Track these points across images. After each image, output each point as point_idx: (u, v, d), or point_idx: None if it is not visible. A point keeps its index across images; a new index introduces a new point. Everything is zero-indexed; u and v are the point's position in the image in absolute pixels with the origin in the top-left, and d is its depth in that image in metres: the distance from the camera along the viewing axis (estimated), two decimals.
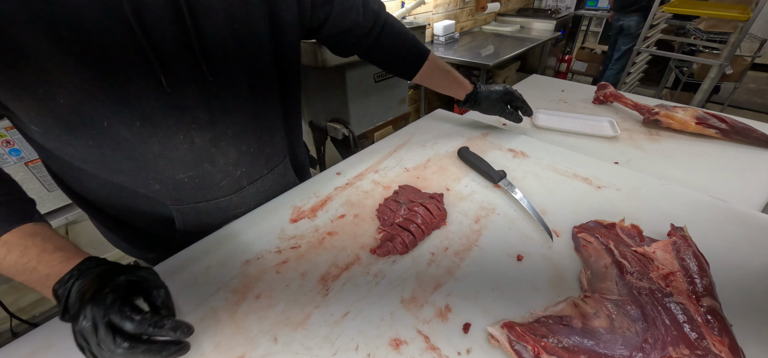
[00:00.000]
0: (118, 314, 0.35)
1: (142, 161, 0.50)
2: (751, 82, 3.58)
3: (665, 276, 0.45)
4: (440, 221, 0.60)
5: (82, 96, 0.40)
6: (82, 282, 0.38)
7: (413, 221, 0.57)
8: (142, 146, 0.48)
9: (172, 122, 0.48)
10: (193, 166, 0.54)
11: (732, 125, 0.81)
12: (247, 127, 0.57)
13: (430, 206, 0.60)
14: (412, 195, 0.65)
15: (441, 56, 2.34)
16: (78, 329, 0.35)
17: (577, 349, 0.39)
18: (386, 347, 0.42)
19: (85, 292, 0.36)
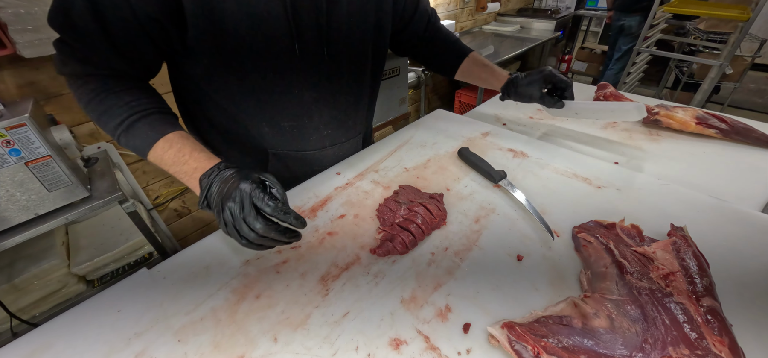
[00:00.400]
0: (260, 198, 0.44)
1: (263, 104, 0.64)
2: (751, 82, 3.57)
3: (665, 276, 0.45)
4: (440, 221, 0.60)
5: (243, 46, 0.54)
6: (223, 175, 0.48)
7: (413, 221, 0.57)
8: (266, 93, 0.62)
9: (293, 78, 0.62)
10: (296, 118, 0.68)
11: (732, 125, 0.81)
12: (340, 96, 0.70)
13: (430, 206, 0.60)
14: (412, 195, 0.65)
15: None
16: (227, 206, 0.44)
17: (577, 349, 0.39)
18: (386, 347, 0.42)
19: (229, 181, 0.46)
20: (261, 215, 0.44)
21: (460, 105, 2.83)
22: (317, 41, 0.60)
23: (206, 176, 0.49)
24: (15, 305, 1.08)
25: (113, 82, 0.52)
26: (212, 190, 0.47)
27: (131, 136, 0.52)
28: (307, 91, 0.65)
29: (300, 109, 0.67)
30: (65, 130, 1.06)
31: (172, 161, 0.52)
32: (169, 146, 0.52)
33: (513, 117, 1.02)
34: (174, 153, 0.52)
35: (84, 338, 0.45)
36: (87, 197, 1.04)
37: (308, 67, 0.62)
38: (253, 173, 0.47)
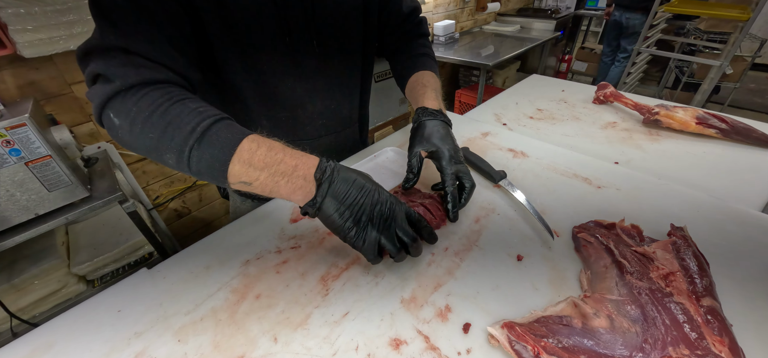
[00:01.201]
0: (425, 229, 0.51)
1: (260, 98, 0.65)
2: (751, 82, 3.57)
3: (665, 276, 0.45)
4: (440, 222, 0.60)
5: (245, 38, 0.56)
6: (355, 177, 0.47)
7: None
8: (263, 86, 0.64)
9: (287, 68, 0.64)
10: (291, 109, 0.70)
11: (732, 125, 0.81)
12: (333, 87, 0.72)
13: (430, 206, 0.59)
14: (412, 195, 0.65)
15: (441, 56, 2.36)
16: (390, 233, 0.47)
17: (577, 349, 0.39)
18: (386, 347, 0.42)
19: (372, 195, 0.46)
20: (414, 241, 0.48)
21: (460, 105, 2.83)
22: (307, 34, 0.62)
23: (321, 171, 0.45)
24: (15, 305, 1.08)
25: (172, 90, 0.45)
26: (343, 197, 0.45)
27: (206, 145, 0.42)
28: (299, 83, 0.67)
29: (294, 100, 0.69)
30: (65, 130, 1.06)
31: (264, 163, 0.43)
32: (256, 146, 0.44)
33: (513, 117, 1.02)
34: (264, 153, 0.44)
35: (84, 338, 0.45)
36: (87, 197, 1.04)
37: (300, 59, 0.64)
38: (388, 194, 0.48)
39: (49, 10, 1.07)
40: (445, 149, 0.59)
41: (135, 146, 0.44)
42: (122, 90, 0.42)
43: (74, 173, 0.99)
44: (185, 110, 0.43)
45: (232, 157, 0.42)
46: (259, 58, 0.60)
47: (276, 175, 0.44)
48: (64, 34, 1.12)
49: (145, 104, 0.42)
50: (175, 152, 0.42)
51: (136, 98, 0.42)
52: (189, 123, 0.42)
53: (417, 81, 0.73)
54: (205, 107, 0.45)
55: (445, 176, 0.57)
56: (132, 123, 0.42)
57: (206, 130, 0.42)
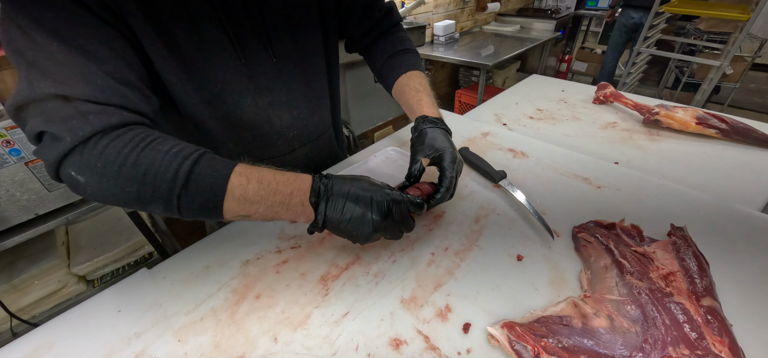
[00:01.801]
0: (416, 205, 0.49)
1: (220, 121, 0.61)
2: (751, 82, 3.57)
3: (665, 276, 0.45)
4: None
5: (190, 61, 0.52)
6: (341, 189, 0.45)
7: None
8: (221, 106, 0.59)
9: (243, 84, 0.59)
10: (256, 126, 0.65)
11: (732, 125, 0.81)
12: (298, 95, 0.67)
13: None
14: None
15: (441, 56, 2.36)
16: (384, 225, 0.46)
17: (577, 349, 0.39)
18: (386, 347, 0.42)
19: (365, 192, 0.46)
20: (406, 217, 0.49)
21: (460, 105, 2.83)
22: (259, 42, 0.58)
23: (315, 194, 0.44)
24: (15, 305, 1.08)
25: (135, 134, 0.40)
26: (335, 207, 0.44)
27: (194, 190, 0.40)
28: (260, 97, 0.62)
29: (257, 116, 0.63)
30: None
31: (258, 197, 0.42)
32: (247, 180, 0.42)
33: (513, 117, 1.02)
34: (256, 185, 0.42)
35: (84, 338, 0.45)
36: None
37: (256, 71, 0.59)
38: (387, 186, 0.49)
39: None
40: (447, 153, 0.57)
41: (110, 201, 0.40)
42: (76, 145, 0.37)
43: None
44: (158, 155, 0.39)
45: (224, 197, 0.41)
46: (212, 77, 0.55)
47: (274, 206, 0.44)
48: None
49: (111, 157, 0.37)
50: (161, 202, 0.40)
51: (98, 152, 0.37)
52: (168, 170, 0.39)
53: (407, 85, 0.70)
54: (178, 146, 0.41)
55: (444, 178, 0.55)
56: (101, 179, 0.38)
57: (189, 174, 0.39)
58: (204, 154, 0.42)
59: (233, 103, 0.60)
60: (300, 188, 0.45)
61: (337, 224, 0.45)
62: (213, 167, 0.41)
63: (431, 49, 2.53)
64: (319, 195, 0.45)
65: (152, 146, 0.39)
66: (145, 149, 0.39)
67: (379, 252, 0.56)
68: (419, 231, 0.60)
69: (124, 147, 0.38)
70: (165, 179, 0.39)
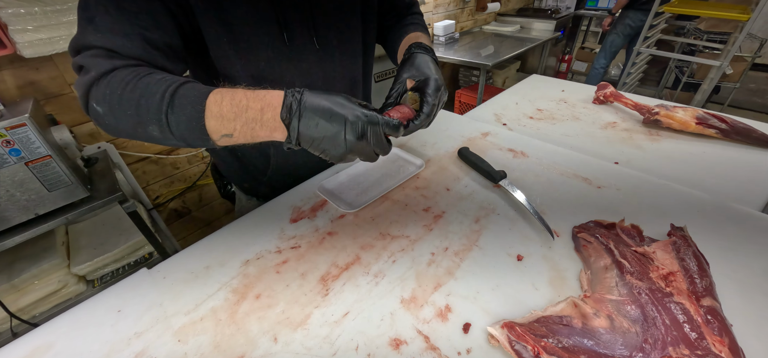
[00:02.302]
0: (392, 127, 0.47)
1: None
2: (751, 82, 3.57)
3: (665, 276, 0.45)
4: None
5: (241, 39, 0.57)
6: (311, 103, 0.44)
7: None
8: (260, 82, 0.62)
9: (285, 68, 0.63)
10: None
11: (732, 125, 0.81)
12: (334, 84, 0.71)
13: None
14: None
15: (440, 56, 2.36)
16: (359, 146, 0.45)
17: (577, 349, 0.39)
18: (386, 347, 0.42)
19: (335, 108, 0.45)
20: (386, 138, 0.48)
21: (460, 105, 2.83)
22: (305, 30, 0.62)
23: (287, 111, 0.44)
24: (15, 305, 1.08)
25: (140, 68, 0.46)
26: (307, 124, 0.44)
27: (178, 108, 0.44)
28: (299, 79, 0.66)
29: None
30: (65, 130, 1.06)
31: (232, 114, 0.45)
32: (221, 98, 0.45)
33: (513, 117, 1.02)
34: (229, 104, 0.45)
35: (84, 338, 0.45)
36: (87, 197, 1.04)
37: (299, 55, 0.64)
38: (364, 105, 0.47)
39: (49, 10, 1.07)
40: (432, 80, 0.58)
41: (119, 129, 0.46)
42: (97, 78, 0.44)
43: (74, 173, 0.99)
44: (152, 81, 0.45)
45: (204, 114, 0.44)
46: (257, 55, 0.60)
47: (249, 123, 0.45)
48: (64, 34, 1.12)
49: (116, 84, 0.44)
50: (155, 123, 0.44)
51: (107, 81, 0.44)
52: (157, 91, 0.44)
53: (409, 38, 0.73)
54: (170, 76, 0.46)
55: (425, 105, 0.56)
56: (110, 106, 0.44)
57: (174, 94, 0.44)
58: (189, 81, 0.47)
59: (274, 82, 0.63)
60: (271, 103, 0.45)
61: (310, 142, 0.45)
62: (195, 89, 0.46)
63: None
64: (291, 111, 0.44)
65: (150, 75, 0.45)
66: (142, 78, 0.45)
67: (379, 252, 0.56)
68: (419, 231, 0.60)
69: (126, 76, 0.44)
70: (154, 100, 0.44)
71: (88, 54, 0.46)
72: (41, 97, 1.21)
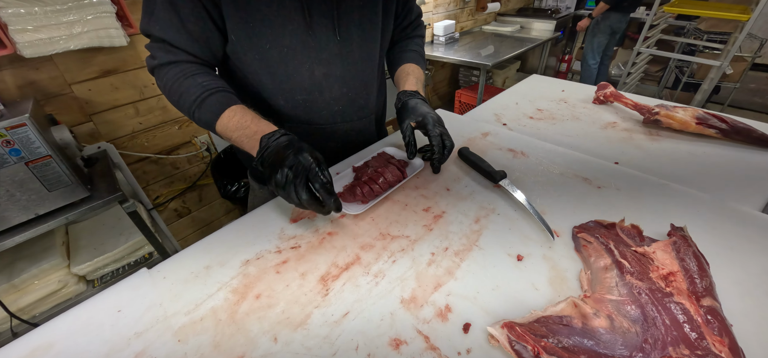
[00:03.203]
0: (314, 173, 0.54)
1: (278, 77, 0.70)
2: (751, 82, 3.57)
3: (665, 276, 0.45)
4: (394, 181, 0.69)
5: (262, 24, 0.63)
6: (281, 141, 0.58)
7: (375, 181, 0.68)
8: (281, 67, 0.69)
9: (305, 55, 0.69)
10: (308, 92, 0.74)
11: (732, 125, 0.81)
12: (351, 75, 0.76)
13: (385, 171, 0.69)
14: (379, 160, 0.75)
15: (440, 56, 2.36)
16: (283, 170, 0.54)
17: (577, 349, 0.39)
18: (386, 347, 0.42)
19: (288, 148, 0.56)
20: (308, 186, 0.54)
21: (460, 105, 2.83)
22: (329, 22, 0.67)
23: (266, 138, 0.58)
24: (15, 305, 1.08)
25: (189, 67, 0.63)
26: (270, 150, 0.57)
27: (203, 111, 0.62)
28: (318, 67, 0.71)
29: (312, 83, 0.72)
30: (65, 130, 1.06)
31: (236, 127, 0.62)
32: (233, 114, 0.62)
33: (513, 117, 1.02)
34: (238, 120, 0.62)
35: (84, 338, 0.45)
36: (87, 197, 1.04)
37: (320, 45, 0.68)
38: (310, 150, 0.56)
39: (49, 10, 1.07)
40: (429, 117, 0.71)
41: (173, 104, 0.66)
42: (157, 66, 0.63)
43: (74, 173, 0.99)
44: (193, 84, 0.63)
45: (216, 122, 0.63)
46: (280, 41, 0.65)
47: (243, 137, 0.61)
48: (64, 34, 1.12)
49: (169, 79, 0.63)
50: (188, 112, 0.64)
51: (163, 72, 0.63)
52: (193, 94, 0.62)
53: (403, 70, 0.84)
54: (207, 81, 0.63)
55: (432, 137, 0.69)
56: (164, 90, 0.65)
57: (203, 101, 0.62)
58: (220, 91, 0.64)
59: (294, 68, 0.70)
60: (263, 130, 0.61)
61: (270, 182, 0.56)
62: (219, 102, 0.63)
63: (431, 49, 2.53)
64: (270, 138, 0.58)
65: (193, 77, 0.63)
66: (187, 78, 0.63)
67: (379, 252, 0.56)
68: (419, 231, 0.60)
69: (177, 74, 0.63)
70: (188, 100, 0.63)
71: (154, 44, 0.63)
72: (41, 97, 1.21)
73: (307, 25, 0.65)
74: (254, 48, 0.65)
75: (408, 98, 0.76)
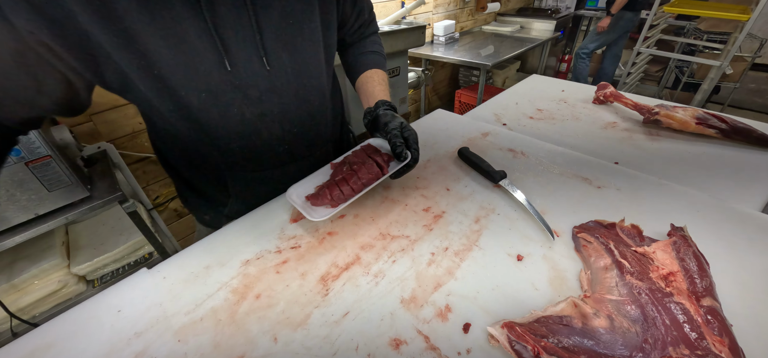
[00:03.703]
0: None
1: (206, 128, 0.58)
2: (751, 82, 3.57)
3: (665, 276, 0.45)
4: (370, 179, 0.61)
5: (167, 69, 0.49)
6: None
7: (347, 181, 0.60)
8: (204, 114, 0.56)
9: (228, 96, 0.56)
10: (243, 137, 0.62)
11: (732, 125, 0.81)
12: (290, 107, 0.63)
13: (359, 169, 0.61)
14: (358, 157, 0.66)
15: (440, 56, 2.35)
16: None
17: (577, 349, 0.39)
18: (386, 347, 0.42)
19: None
20: None
21: (460, 105, 2.83)
22: (251, 52, 0.53)
23: None
24: (15, 305, 1.08)
25: None
26: None
27: None
28: (248, 108, 0.58)
29: (244, 127, 0.60)
30: (65, 130, 1.06)
31: None
32: None
33: (513, 117, 1.02)
34: None
35: (84, 338, 0.45)
36: (87, 197, 1.04)
37: (245, 82, 0.55)
38: None
39: None
40: (394, 123, 0.64)
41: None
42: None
43: (74, 173, 0.99)
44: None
45: None
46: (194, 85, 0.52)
47: None
48: None
49: None
50: None
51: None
52: None
53: (366, 79, 0.76)
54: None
55: (390, 134, 0.62)
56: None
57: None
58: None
59: (218, 114, 0.57)
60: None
61: None
62: None
63: (431, 49, 2.53)
64: None
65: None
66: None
67: (379, 252, 0.56)
68: (419, 231, 0.60)
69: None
70: None
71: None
72: None
73: (223, 61, 0.51)
74: (168, 98, 0.52)
75: (378, 110, 0.68)
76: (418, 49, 2.44)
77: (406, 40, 1.60)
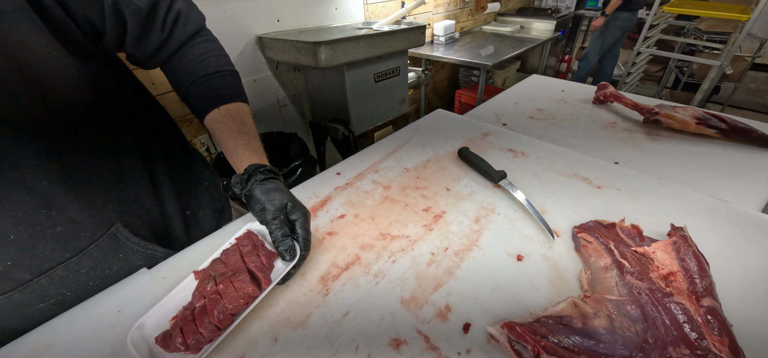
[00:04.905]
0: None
1: None
2: (751, 82, 3.57)
3: (665, 276, 0.45)
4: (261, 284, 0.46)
5: None
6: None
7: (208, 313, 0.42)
8: None
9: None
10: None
11: (732, 125, 0.81)
12: (8, 214, 0.40)
13: (255, 268, 0.47)
14: (236, 261, 0.49)
15: (440, 56, 2.35)
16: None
17: (577, 349, 0.39)
18: (386, 347, 0.42)
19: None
20: None
21: (460, 105, 2.83)
22: None
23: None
24: None
25: None
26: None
27: None
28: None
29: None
30: None
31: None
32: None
33: (513, 117, 1.02)
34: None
35: (84, 338, 0.45)
36: None
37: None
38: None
39: None
40: (272, 206, 0.50)
41: None
42: None
43: None
44: None
45: None
46: None
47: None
48: None
49: None
50: None
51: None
52: None
53: (223, 123, 0.57)
54: None
55: (270, 226, 0.49)
56: None
57: None
58: None
59: None
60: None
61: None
62: None
63: (431, 49, 2.53)
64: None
65: None
66: None
67: (379, 252, 0.56)
68: (419, 231, 0.60)
69: None
70: None
71: None
72: None
73: None
74: None
75: (251, 187, 0.51)
76: (418, 49, 2.43)
77: (406, 40, 1.60)
